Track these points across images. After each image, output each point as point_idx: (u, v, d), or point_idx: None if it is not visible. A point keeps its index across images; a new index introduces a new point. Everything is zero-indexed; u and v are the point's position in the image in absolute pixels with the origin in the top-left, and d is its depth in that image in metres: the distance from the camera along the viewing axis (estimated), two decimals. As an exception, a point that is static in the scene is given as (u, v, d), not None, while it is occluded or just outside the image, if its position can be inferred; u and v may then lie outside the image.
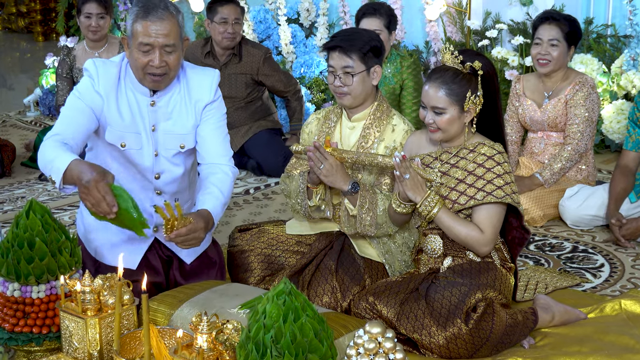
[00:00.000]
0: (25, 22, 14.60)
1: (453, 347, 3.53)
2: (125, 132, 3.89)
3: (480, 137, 3.85)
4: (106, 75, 3.87)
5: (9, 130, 8.03)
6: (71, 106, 3.85)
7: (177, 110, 3.96)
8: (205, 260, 4.13)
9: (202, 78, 4.00)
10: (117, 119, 3.87)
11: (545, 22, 5.41)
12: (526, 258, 4.78)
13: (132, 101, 3.90)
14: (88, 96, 3.84)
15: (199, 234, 3.64)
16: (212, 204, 3.79)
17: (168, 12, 3.75)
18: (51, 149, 3.61)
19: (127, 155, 3.92)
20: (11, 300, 3.43)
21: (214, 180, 3.90)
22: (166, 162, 3.98)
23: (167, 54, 3.77)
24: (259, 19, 8.15)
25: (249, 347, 2.72)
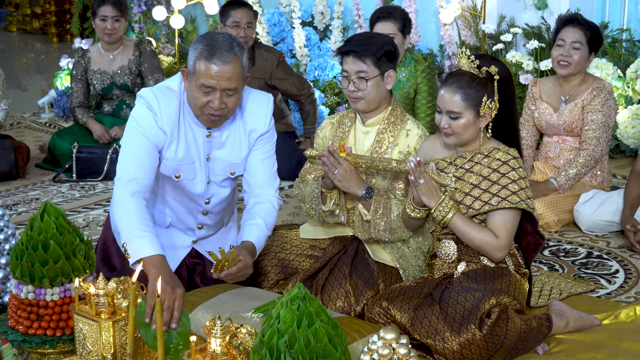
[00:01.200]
0: (40, 24, 14.65)
1: (467, 353, 3.52)
2: (180, 164, 3.87)
3: (495, 142, 3.84)
4: (168, 110, 3.79)
5: (23, 132, 8.05)
6: (136, 143, 3.77)
7: (231, 140, 3.93)
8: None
9: (258, 107, 3.96)
10: (174, 152, 3.85)
11: (569, 25, 5.40)
12: (540, 263, 4.76)
13: (189, 135, 3.86)
14: (152, 132, 3.77)
15: (248, 271, 3.69)
16: (256, 236, 3.83)
17: (233, 54, 3.65)
18: (135, 218, 3.55)
19: (180, 185, 3.93)
20: (25, 303, 3.43)
21: (260, 210, 3.93)
22: (216, 187, 4.00)
23: (228, 96, 3.70)
24: (273, 22, 8.16)
25: (262, 352, 2.71)
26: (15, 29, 15.24)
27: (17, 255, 3.42)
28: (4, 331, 3.49)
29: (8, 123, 8.12)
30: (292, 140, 6.74)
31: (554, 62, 5.45)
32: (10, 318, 3.50)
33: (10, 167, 6.44)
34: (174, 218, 4.07)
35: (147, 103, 3.78)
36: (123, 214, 3.60)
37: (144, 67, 6.64)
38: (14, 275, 3.44)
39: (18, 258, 3.41)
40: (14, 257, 3.43)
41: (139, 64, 6.66)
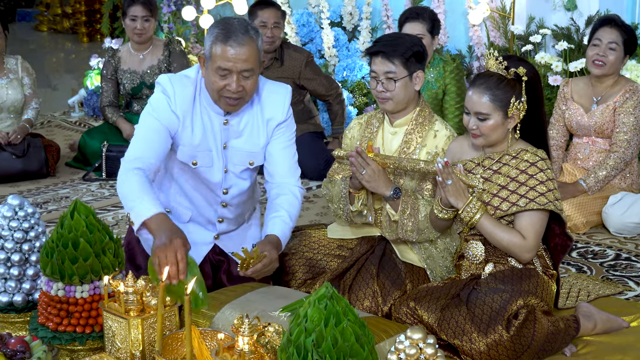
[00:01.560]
0: (71, 23, 14.75)
1: (494, 354, 3.52)
2: (197, 150, 3.91)
3: (523, 144, 3.83)
4: (183, 95, 3.85)
5: (53, 131, 8.12)
6: (148, 126, 3.85)
7: (248, 128, 3.97)
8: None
9: (276, 97, 3.99)
10: (190, 138, 3.89)
11: (606, 25, 5.38)
12: (568, 265, 4.75)
13: (205, 120, 3.91)
14: (164, 116, 3.83)
15: (274, 265, 3.73)
16: (280, 229, 3.86)
17: (248, 37, 3.72)
18: (135, 183, 3.65)
19: (197, 172, 3.95)
20: (55, 300, 3.47)
21: (283, 202, 3.95)
22: (234, 178, 4.02)
23: (245, 78, 3.75)
24: (302, 22, 8.17)
25: (290, 351, 2.72)
26: (46, 28, 15.35)
27: (48, 252, 3.45)
28: (34, 328, 3.52)
29: (39, 122, 8.18)
30: (320, 141, 6.75)
31: (589, 62, 5.43)
32: (40, 315, 3.54)
33: (41, 166, 6.50)
34: (194, 211, 4.08)
35: (162, 88, 3.86)
36: (124, 187, 3.68)
37: (173, 67, 6.68)
38: (44, 273, 3.48)
39: (48, 255, 3.44)
40: (44, 254, 3.46)
41: (168, 64, 6.70)
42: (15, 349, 3.25)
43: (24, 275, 3.77)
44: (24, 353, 3.26)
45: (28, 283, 3.77)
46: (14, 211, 3.76)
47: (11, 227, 3.75)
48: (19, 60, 6.69)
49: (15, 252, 3.75)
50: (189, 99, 3.86)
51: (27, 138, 6.51)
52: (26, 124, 6.56)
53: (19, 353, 3.25)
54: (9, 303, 3.76)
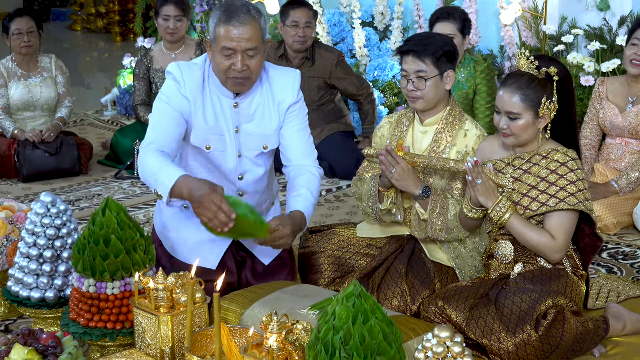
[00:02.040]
0: (104, 23, 14.85)
1: (522, 354, 3.52)
2: (210, 134, 3.94)
3: (553, 144, 3.83)
4: (192, 79, 3.91)
5: (86, 129, 8.18)
6: (160, 112, 3.91)
7: (260, 112, 4.00)
8: (278, 262, 4.18)
9: (284, 79, 4.03)
10: (202, 122, 3.92)
11: None
12: (599, 266, 4.73)
13: (216, 103, 3.95)
14: (176, 101, 3.89)
15: (286, 240, 3.76)
16: (303, 205, 3.89)
17: (250, 16, 3.78)
18: (153, 160, 3.70)
19: (211, 158, 3.98)
20: (86, 296, 3.50)
21: (302, 182, 3.98)
22: (249, 163, 4.03)
23: (250, 58, 3.80)
24: (333, 22, 8.18)
25: (318, 348, 2.74)
26: (80, 28, 15.46)
27: (79, 249, 3.49)
28: (66, 324, 3.56)
29: (72, 120, 8.24)
30: (351, 140, 6.76)
31: (627, 61, 5.40)
32: (72, 311, 3.58)
33: (74, 164, 6.56)
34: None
35: (172, 75, 3.92)
36: (144, 168, 3.75)
37: (205, 66, 6.71)
38: (76, 269, 3.52)
39: (80, 252, 3.48)
40: (76, 251, 3.50)
41: (200, 63, 6.73)
42: (47, 345, 3.28)
43: (56, 272, 3.81)
44: (55, 348, 3.29)
45: (60, 279, 3.81)
46: (46, 208, 3.81)
47: (44, 224, 3.79)
48: (52, 59, 6.75)
49: (48, 249, 3.79)
50: (198, 83, 3.92)
51: (61, 136, 6.57)
52: (59, 122, 6.62)
53: (51, 348, 3.28)
54: (42, 299, 3.80)
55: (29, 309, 3.82)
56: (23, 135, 6.46)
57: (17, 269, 3.85)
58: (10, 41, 6.52)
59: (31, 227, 3.81)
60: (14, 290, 3.85)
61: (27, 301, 3.81)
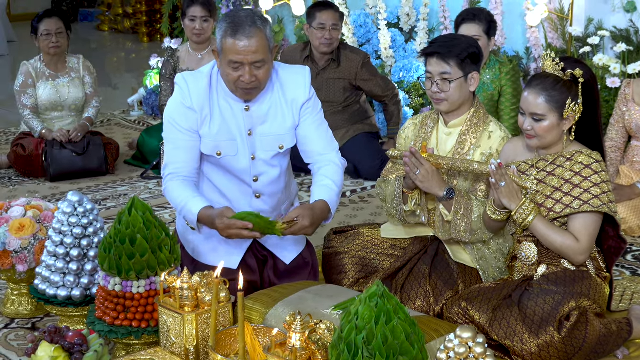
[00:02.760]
0: (131, 23, 14.91)
1: (545, 355, 3.52)
2: (219, 141, 3.97)
3: (578, 146, 3.83)
4: (197, 88, 3.94)
5: (113, 129, 8.23)
6: (174, 137, 3.97)
7: (273, 112, 4.01)
8: (300, 261, 4.19)
9: (295, 77, 4.05)
10: (210, 129, 3.95)
11: None
12: (623, 268, 4.73)
13: (225, 108, 3.97)
14: (182, 119, 3.93)
15: (306, 231, 3.86)
16: (327, 195, 3.95)
17: (256, 28, 3.78)
18: (177, 193, 3.92)
19: (223, 163, 4.01)
20: (112, 295, 3.54)
21: (325, 172, 4.03)
22: (264, 165, 4.04)
23: (257, 69, 3.82)
24: (359, 23, 8.19)
25: (340, 348, 2.76)
26: (107, 28, 15.54)
27: (105, 248, 3.52)
28: (92, 322, 3.60)
29: (99, 120, 8.30)
30: (376, 141, 6.77)
31: None
32: (97, 309, 3.62)
33: (100, 163, 6.61)
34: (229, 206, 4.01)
35: (178, 87, 3.96)
36: (172, 201, 3.97)
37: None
38: (102, 268, 3.56)
39: (106, 251, 3.52)
40: (102, 250, 3.54)
41: (226, 64, 6.76)
42: (73, 342, 3.33)
43: (83, 270, 3.86)
44: (81, 346, 3.33)
45: (86, 278, 3.86)
46: (73, 207, 3.85)
47: (70, 223, 3.83)
48: (80, 59, 6.81)
49: (74, 248, 3.83)
50: (203, 90, 3.95)
51: (88, 136, 6.62)
52: (87, 122, 6.67)
53: (77, 346, 3.32)
54: (68, 297, 3.84)
55: (55, 307, 3.87)
56: (50, 134, 6.51)
57: (44, 268, 3.90)
58: (39, 41, 6.58)
59: (58, 225, 3.85)
60: (40, 288, 3.90)
61: (53, 299, 3.85)
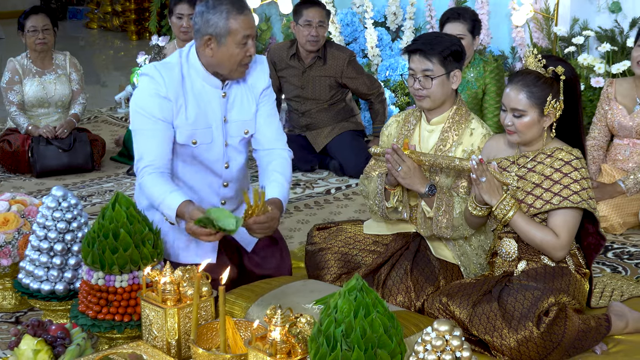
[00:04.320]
0: (120, 21, 14.93)
1: (524, 350, 3.56)
2: (196, 129, 3.99)
3: (558, 142, 3.86)
4: (171, 78, 3.95)
5: (100, 126, 8.25)
6: (146, 128, 3.94)
7: (239, 98, 4.09)
8: (267, 241, 4.24)
9: (255, 65, 4.13)
10: (185, 119, 3.97)
11: None
12: (603, 265, 4.76)
13: (200, 98, 4.00)
14: (156, 109, 3.92)
15: (274, 223, 3.82)
16: (279, 191, 3.97)
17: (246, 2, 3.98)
18: (155, 188, 3.86)
19: (197, 152, 4.03)
20: (95, 289, 3.56)
21: (276, 167, 4.08)
22: (233, 151, 4.11)
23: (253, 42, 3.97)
24: (346, 21, 8.22)
25: (320, 341, 2.78)
26: (96, 26, 15.56)
27: (89, 242, 3.54)
28: (75, 315, 3.62)
29: (86, 117, 8.32)
30: (361, 139, 6.81)
31: (633, 63, 5.41)
32: (80, 303, 3.64)
33: (86, 160, 6.63)
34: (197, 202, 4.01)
35: (148, 76, 3.96)
36: (149, 195, 3.89)
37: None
38: (85, 262, 3.57)
39: (90, 245, 3.54)
40: (85, 244, 3.56)
41: (212, 61, 6.78)
42: (56, 336, 3.35)
43: (66, 265, 3.87)
44: (64, 339, 3.36)
45: (70, 272, 3.87)
46: (57, 202, 3.86)
47: (55, 218, 3.85)
48: (67, 56, 6.83)
49: (58, 242, 3.85)
50: (177, 80, 3.97)
51: (74, 133, 6.65)
52: (73, 118, 6.70)
53: (59, 339, 3.34)
54: (51, 291, 3.86)
55: (39, 301, 3.88)
56: (37, 131, 6.53)
57: (28, 262, 3.91)
58: (25, 38, 6.60)
59: (42, 220, 3.87)
60: (24, 282, 3.91)
61: (37, 293, 3.87)
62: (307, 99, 6.75)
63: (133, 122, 3.98)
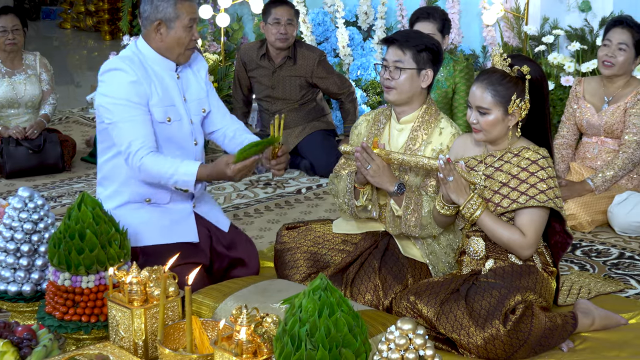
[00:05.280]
0: (94, 21, 14.86)
1: (491, 348, 3.57)
2: (167, 106, 4.12)
3: (525, 142, 3.87)
4: (133, 64, 4.08)
5: (71, 126, 8.21)
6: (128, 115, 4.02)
7: (191, 80, 4.28)
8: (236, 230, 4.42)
9: (193, 54, 4.30)
10: (157, 96, 4.09)
11: (617, 26, 5.40)
12: (572, 263, 4.79)
13: (162, 80, 4.13)
14: (132, 93, 4.03)
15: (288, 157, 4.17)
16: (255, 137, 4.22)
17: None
18: (159, 165, 3.96)
19: (171, 131, 4.15)
20: (62, 289, 3.54)
21: (240, 132, 4.38)
22: (197, 129, 4.28)
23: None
24: (317, 21, 8.23)
25: (284, 340, 2.78)
26: (70, 26, 15.48)
27: (55, 243, 3.53)
28: (42, 317, 3.60)
29: (57, 118, 8.29)
30: (332, 139, 6.81)
31: (599, 62, 5.45)
32: (47, 304, 3.62)
33: (57, 161, 6.60)
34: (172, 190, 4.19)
35: (114, 69, 4.09)
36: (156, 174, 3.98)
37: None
38: (51, 263, 3.56)
39: (56, 246, 3.52)
40: (52, 245, 3.54)
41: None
42: (22, 337, 3.33)
43: (33, 266, 3.85)
44: (30, 341, 3.34)
45: (37, 273, 3.85)
46: (24, 203, 3.84)
47: (21, 219, 3.82)
48: (37, 56, 6.80)
49: (25, 243, 3.82)
50: (139, 66, 4.09)
51: (44, 133, 6.61)
52: (43, 119, 6.66)
53: (26, 340, 3.33)
54: (18, 293, 3.83)
55: (5, 302, 3.85)
56: (6, 131, 6.50)
57: (-5, 263, 3.89)
58: (-5, 38, 6.57)
59: (8, 221, 3.84)
60: (-9, 283, 3.89)
61: (3, 294, 3.84)
62: (278, 99, 6.75)
63: (112, 114, 4.03)
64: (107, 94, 4.06)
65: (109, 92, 4.06)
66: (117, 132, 4.02)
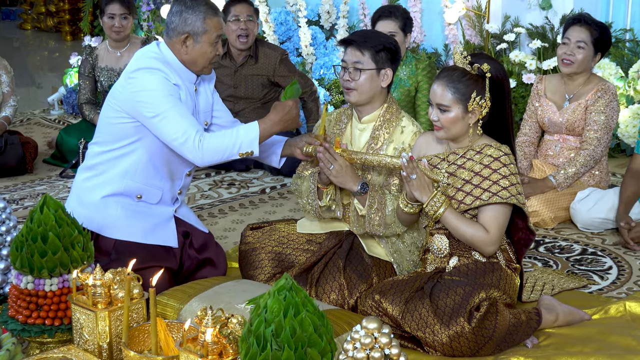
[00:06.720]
0: (54, 22, 14.76)
1: (456, 345, 3.59)
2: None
3: (487, 139, 3.89)
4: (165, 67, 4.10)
5: (32, 128, 8.15)
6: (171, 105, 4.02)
7: (203, 93, 4.33)
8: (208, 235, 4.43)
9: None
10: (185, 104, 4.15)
11: (576, 24, 5.42)
12: (535, 259, 4.82)
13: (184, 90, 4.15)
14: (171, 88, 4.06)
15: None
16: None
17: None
18: (219, 139, 4.04)
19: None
20: (25, 293, 3.52)
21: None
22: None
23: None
24: (279, 20, 8.23)
25: (250, 341, 2.78)
26: (30, 26, 15.37)
27: (18, 246, 3.50)
28: (4, 320, 3.57)
29: (18, 119, 8.22)
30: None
31: (559, 60, 5.48)
32: (10, 308, 3.59)
33: (18, 163, 6.54)
34: (164, 190, 4.25)
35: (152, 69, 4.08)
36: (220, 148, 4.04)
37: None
38: (14, 266, 3.53)
39: (18, 249, 3.50)
40: (14, 248, 3.52)
41: (145, 62, 6.74)
42: (-16, 341, 3.31)
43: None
44: (-7, 345, 3.32)
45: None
46: (-15, 206, 3.82)
47: (-18, 222, 3.80)
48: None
49: (-14, 247, 3.80)
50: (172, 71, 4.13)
51: (5, 135, 6.55)
52: (4, 121, 6.60)
53: (-12, 345, 3.31)
54: (-19, 296, 3.81)
55: (-32, 307, 3.84)
56: (-33, 134, 6.44)
57: (-44, 267, 3.86)
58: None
59: (-30, 225, 3.82)
60: (-47, 288, 3.86)
61: (-34, 299, 3.82)
62: (241, 99, 6.74)
63: (155, 107, 4.01)
64: (145, 89, 4.03)
65: (148, 86, 4.03)
66: (165, 123, 4.00)
